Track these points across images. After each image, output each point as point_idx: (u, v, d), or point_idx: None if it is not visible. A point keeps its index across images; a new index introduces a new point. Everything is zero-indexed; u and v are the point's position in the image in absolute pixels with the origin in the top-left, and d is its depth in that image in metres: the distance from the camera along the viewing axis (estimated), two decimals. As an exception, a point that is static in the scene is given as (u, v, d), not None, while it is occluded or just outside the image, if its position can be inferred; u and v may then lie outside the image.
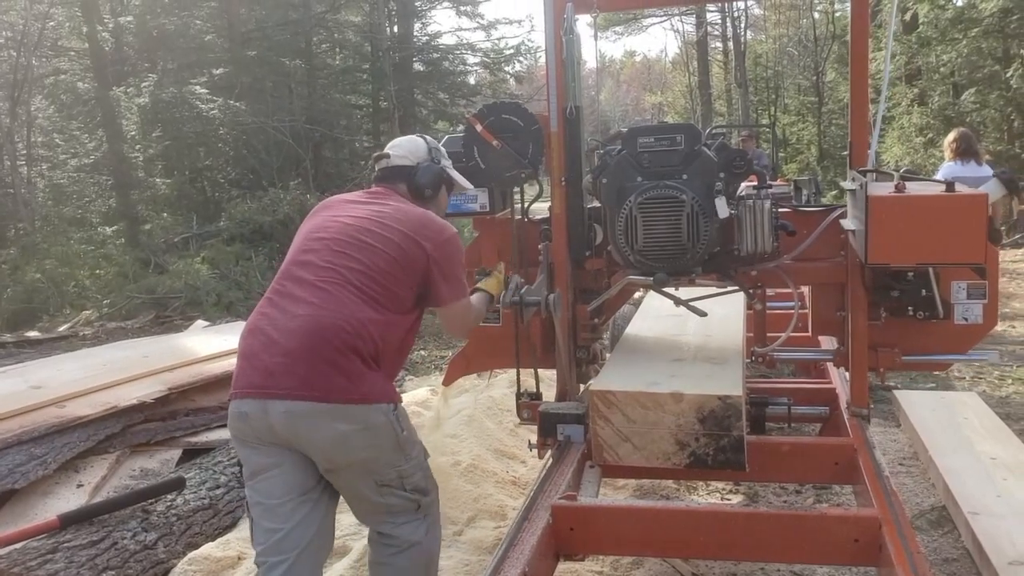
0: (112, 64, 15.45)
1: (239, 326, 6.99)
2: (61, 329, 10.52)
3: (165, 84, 14.67)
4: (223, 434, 4.80)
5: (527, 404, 3.46)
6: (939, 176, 6.51)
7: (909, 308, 3.13)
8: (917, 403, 4.96)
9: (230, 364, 5.46)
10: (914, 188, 2.80)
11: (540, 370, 3.57)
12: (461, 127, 3.74)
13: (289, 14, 16.99)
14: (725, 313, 3.76)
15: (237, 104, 14.85)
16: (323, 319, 2.32)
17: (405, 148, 2.79)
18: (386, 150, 2.80)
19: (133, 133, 14.89)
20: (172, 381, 5.05)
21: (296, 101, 16.73)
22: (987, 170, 6.70)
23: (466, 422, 4.72)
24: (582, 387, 3.55)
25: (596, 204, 3.38)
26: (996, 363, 5.99)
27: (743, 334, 3.59)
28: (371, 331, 2.36)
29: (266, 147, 15.70)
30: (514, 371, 3.53)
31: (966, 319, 3.11)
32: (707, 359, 3.11)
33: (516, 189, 3.51)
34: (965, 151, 6.63)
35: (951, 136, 6.85)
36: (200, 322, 7.81)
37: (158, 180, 15.20)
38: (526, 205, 3.52)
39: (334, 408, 2.29)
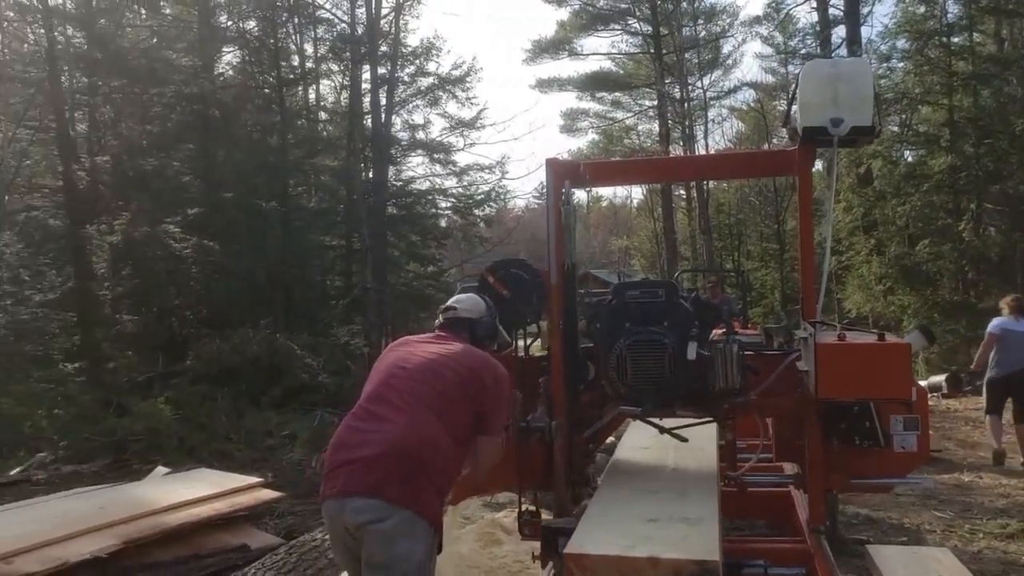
0: (85, 202, 15.52)
1: (201, 473, 6.81)
2: (13, 473, 10.10)
3: (139, 223, 14.74)
4: (178, 590, 4.59)
5: (528, 522, 3.78)
6: (990, 326, 8.46)
7: (855, 437, 3.51)
8: (890, 559, 4.84)
9: (190, 515, 5.29)
10: (852, 337, 3.29)
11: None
12: (434, 266, 4.05)
13: (267, 158, 17.34)
14: (700, 446, 4.03)
15: (210, 244, 14.92)
16: (402, 435, 2.79)
17: (469, 303, 3.38)
18: (452, 303, 3.37)
19: (103, 270, 14.82)
20: (128, 534, 4.85)
21: (270, 242, 16.85)
22: None
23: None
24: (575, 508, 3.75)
25: (589, 344, 3.80)
26: (929, 488, 6.46)
27: (716, 466, 3.87)
28: (440, 448, 2.83)
29: (238, 286, 15.69)
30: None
31: (903, 447, 3.51)
32: (682, 519, 3.06)
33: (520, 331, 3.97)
34: (1018, 310, 8.35)
35: (1009, 297, 8.70)
36: (160, 468, 7.55)
37: (125, 317, 15.04)
38: (528, 344, 4.01)
39: (393, 507, 2.69)
